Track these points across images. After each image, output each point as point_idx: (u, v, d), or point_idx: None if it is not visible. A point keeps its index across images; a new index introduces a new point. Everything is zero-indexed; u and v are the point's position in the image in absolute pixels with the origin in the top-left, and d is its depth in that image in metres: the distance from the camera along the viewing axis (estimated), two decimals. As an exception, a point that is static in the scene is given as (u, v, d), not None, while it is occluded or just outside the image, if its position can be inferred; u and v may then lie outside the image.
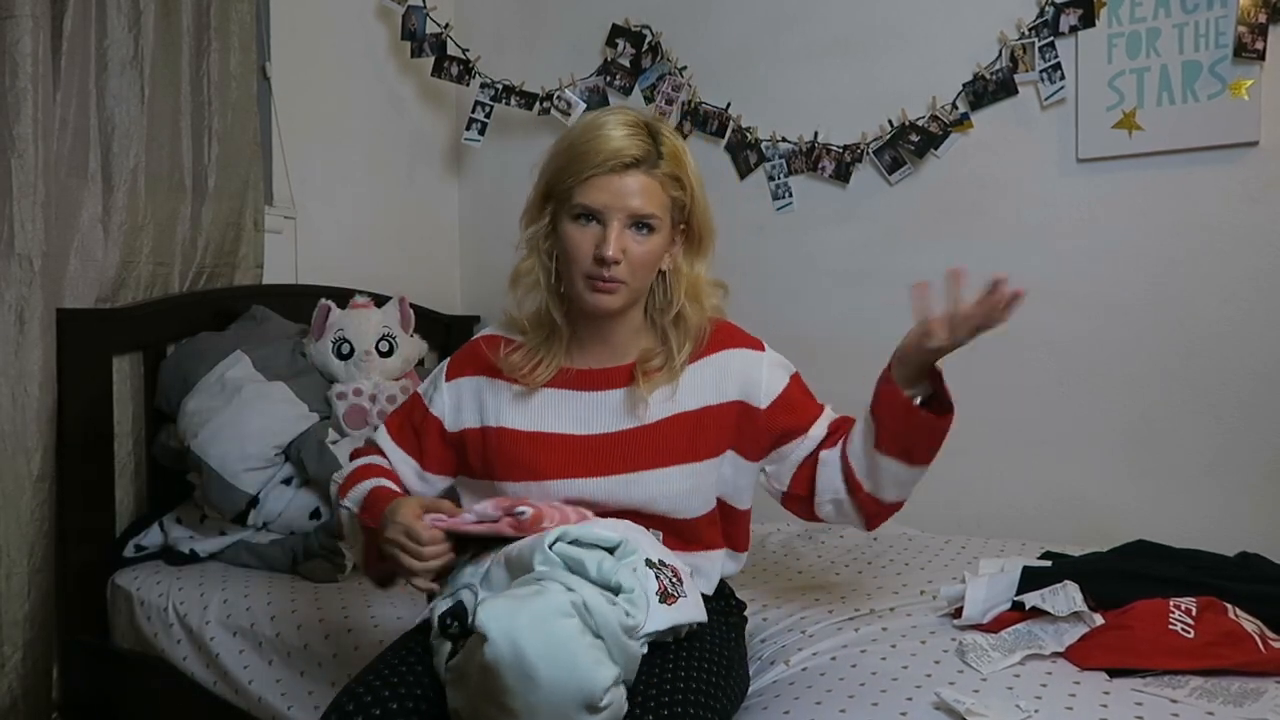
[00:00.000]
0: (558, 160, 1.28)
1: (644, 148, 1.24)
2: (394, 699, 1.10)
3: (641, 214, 1.24)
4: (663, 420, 1.31)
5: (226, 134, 2.33)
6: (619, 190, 1.23)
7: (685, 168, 1.28)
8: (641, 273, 1.27)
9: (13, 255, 1.87)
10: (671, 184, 1.26)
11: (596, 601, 1.00)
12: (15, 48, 1.85)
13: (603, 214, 1.24)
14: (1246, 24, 1.96)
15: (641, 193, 1.24)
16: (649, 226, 1.25)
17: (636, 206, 1.24)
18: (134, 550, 2.05)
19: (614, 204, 1.23)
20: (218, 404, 1.95)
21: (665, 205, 1.27)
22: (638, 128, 1.25)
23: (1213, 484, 2.06)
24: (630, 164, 1.23)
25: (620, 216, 1.23)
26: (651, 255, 1.27)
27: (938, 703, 1.17)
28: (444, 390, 1.39)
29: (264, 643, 1.70)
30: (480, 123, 2.77)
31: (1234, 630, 1.28)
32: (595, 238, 1.24)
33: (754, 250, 2.57)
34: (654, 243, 1.26)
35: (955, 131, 2.29)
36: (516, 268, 1.35)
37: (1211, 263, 2.06)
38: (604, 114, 1.28)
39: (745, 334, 1.40)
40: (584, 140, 1.24)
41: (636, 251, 1.25)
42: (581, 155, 1.24)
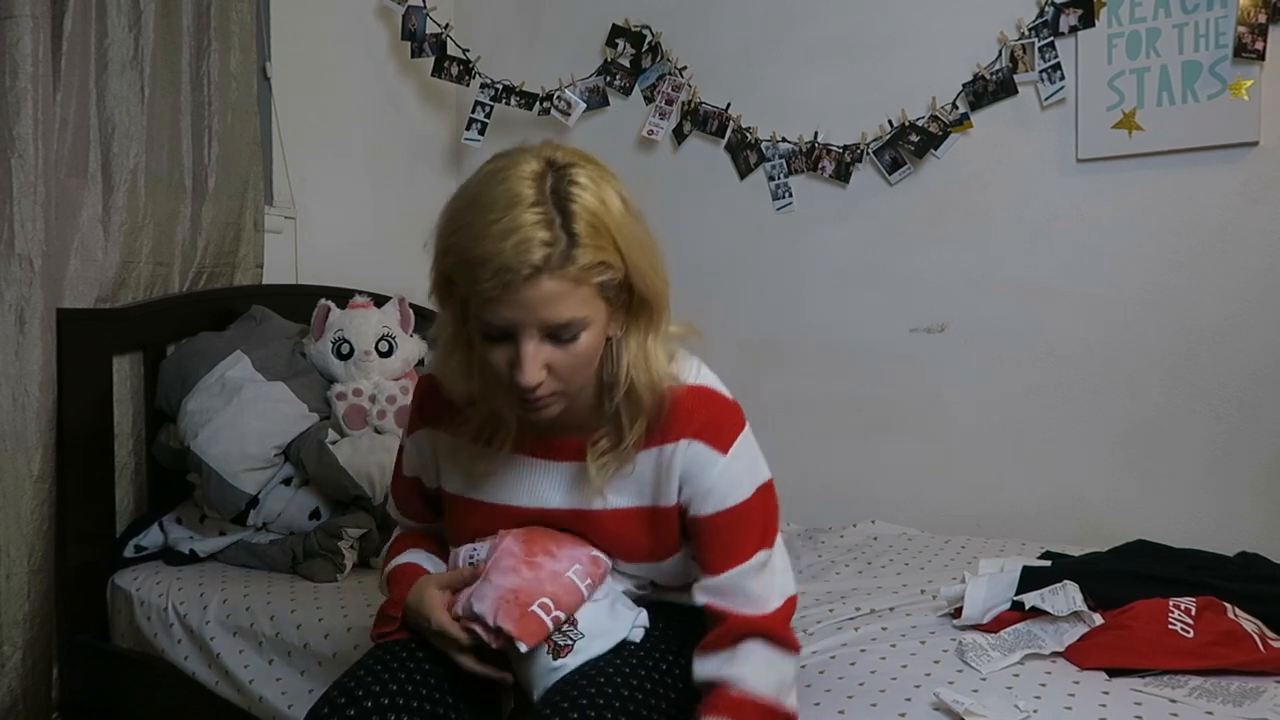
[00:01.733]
0: (448, 258, 1.02)
1: (544, 248, 0.96)
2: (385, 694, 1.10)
3: (558, 324, 1.00)
4: (619, 511, 1.16)
5: (226, 134, 2.33)
6: (525, 303, 0.98)
7: (611, 237, 1.00)
8: (576, 376, 1.05)
9: (13, 255, 1.87)
10: (595, 271, 1.00)
11: None
12: (15, 48, 1.85)
13: (512, 331, 1.00)
14: (1246, 24, 1.96)
15: (555, 300, 0.98)
16: (572, 334, 1.02)
17: (548, 318, 0.99)
18: (134, 550, 2.05)
19: (522, 319, 0.99)
20: (218, 404, 1.95)
21: (590, 296, 1.01)
22: (537, 208, 0.97)
23: (1213, 484, 2.06)
24: (531, 274, 0.96)
25: (532, 330, 1.00)
26: (584, 357, 1.04)
27: (936, 703, 1.17)
28: (409, 449, 1.30)
29: (264, 642, 1.70)
30: (480, 123, 2.77)
31: (1233, 630, 1.28)
32: (510, 355, 1.02)
33: (754, 250, 2.57)
34: (584, 343, 1.03)
35: (955, 131, 2.29)
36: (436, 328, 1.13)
37: (1211, 263, 2.06)
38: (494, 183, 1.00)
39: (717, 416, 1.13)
40: (472, 242, 0.98)
41: (563, 361, 1.02)
42: (472, 266, 0.98)
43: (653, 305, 1.08)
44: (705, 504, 1.12)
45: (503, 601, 1.09)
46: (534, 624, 1.09)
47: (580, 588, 1.13)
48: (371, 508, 1.98)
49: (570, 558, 1.15)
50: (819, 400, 2.49)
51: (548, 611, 1.10)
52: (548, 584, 1.11)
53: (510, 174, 1.00)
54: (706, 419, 1.12)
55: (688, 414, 1.12)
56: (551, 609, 1.10)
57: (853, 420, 2.45)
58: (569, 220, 0.98)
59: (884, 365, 2.41)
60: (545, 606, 1.10)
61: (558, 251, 0.97)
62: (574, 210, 0.98)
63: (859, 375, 2.45)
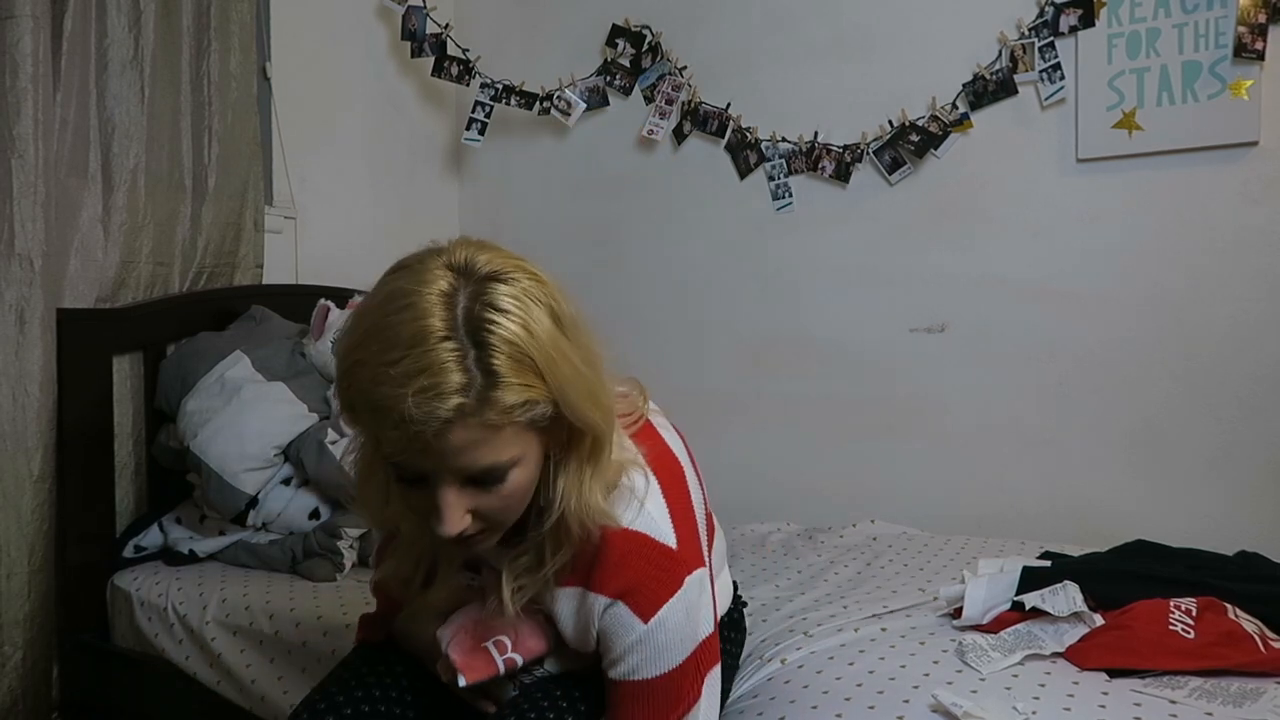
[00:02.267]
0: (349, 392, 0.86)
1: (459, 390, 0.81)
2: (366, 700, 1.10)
3: (476, 471, 0.87)
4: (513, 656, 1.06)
5: (226, 134, 2.33)
6: (438, 453, 0.84)
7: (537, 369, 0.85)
8: (508, 514, 0.93)
9: (13, 255, 1.87)
10: (518, 410, 0.85)
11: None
12: (15, 48, 1.85)
13: (428, 477, 0.88)
14: (1246, 24, 1.96)
15: (473, 447, 0.84)
16: (496, 475, 0.88)
17: (465, 465, 0.86)
18: (134, 550, 2.05)
19: (436, 467, 0.86)
20: (217, 404, 1.95)
21: (516, 434, 0.87)
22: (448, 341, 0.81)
23: (1213, 484, 2.06)
24: (444, 425, 0.82)
25: (449, 479, 0.87)
26: (513, 496, 0.91)
27: (934, 704, 1.16)
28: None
29: (264, 641, 1.70)
30: (480, 123, 2.77)
31: (1234, 630, 1.28)
32: (427, 502, 0.89)
33: (754, 250, 2.57)
34: (513, 482, 0.89)
35: (955, 131, 2.29)
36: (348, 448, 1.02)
37: (1211, 263, 2.06)
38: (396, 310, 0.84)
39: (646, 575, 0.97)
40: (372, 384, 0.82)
41: (489, 503, 0.90)
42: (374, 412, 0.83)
43: (590, 437, 0.92)
44: (616, 669, 0.99)
45: (460, 631, 1.05)
46: (480, 660, 1.02)
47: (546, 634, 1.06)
48: (371, 508, 1.98)
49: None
50: (819, 400, 2.49)
51: (502, 651, 1.03)
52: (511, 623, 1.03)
53: (415, 297, 0.83)
54: (633, 578, 0.96)
55: (616, 567, 0.97)
56: (508, 648, 1.03)
57: (853, 420, 2.45)
58: (485, 354, 0.82)
59: (884, 365, 2.41)
60: (500, 645, 1.03)
61: (472, 397, 0.81)
62: (491, 343, 0.82)
63: (859, 375, 2.45)
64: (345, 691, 1.10)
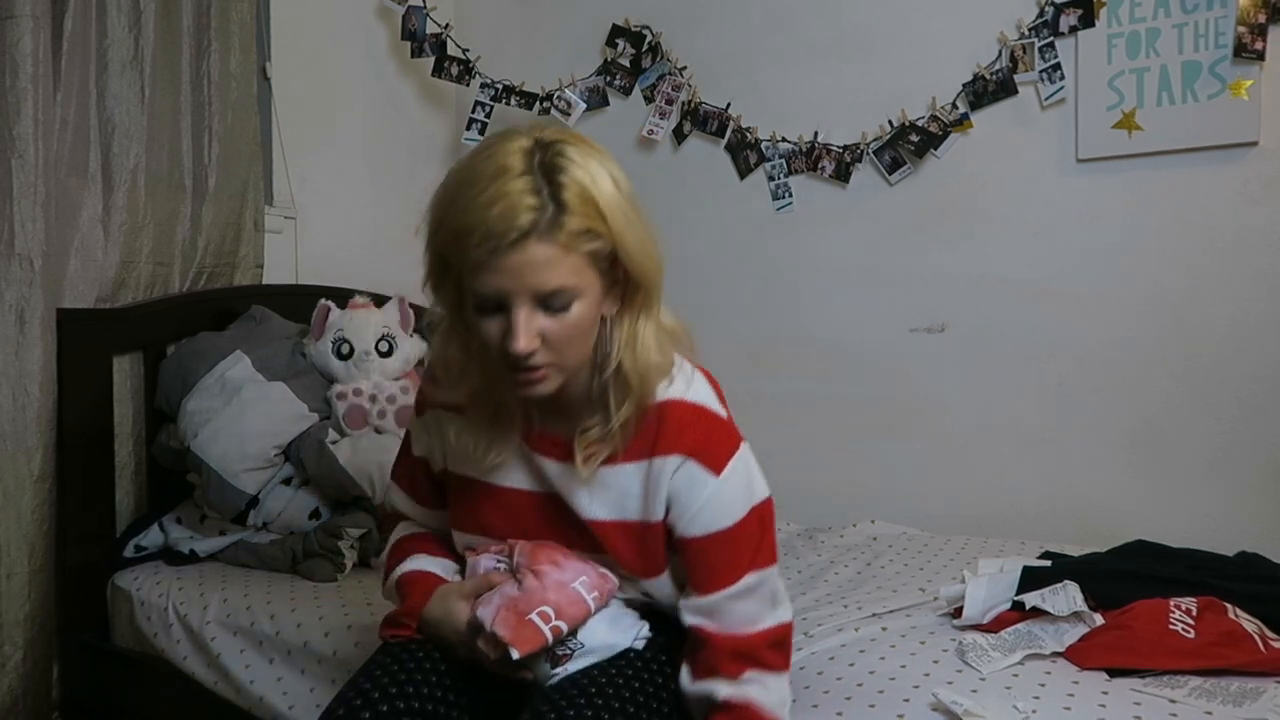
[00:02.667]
0: (440, 234, 1.03)
1: (531, 212, 0.96)
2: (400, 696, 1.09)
3: (548, 292, 0.99)
4: (606, 523, 1.13)
5: (226, 134, 2.33)
6: (514, 269, 0.98)
7: (599, 208, 1.00)
8: (572, 346, 1.04)
9: (13, 255, 1.87)
10: (583, 239, 0.99)
11: None
12: (15, 48, 1.85)
13: (503, 300, 1.00)
14: (1246, 24, 1.96)
15: (545, 267, 0.98)
16: (563, 304, 1.01)
17: (538, 284, 0.99)
18: (134, 550, 2.05)
19: (512, 287, 0.99)
20: (218, 404, 1.95)
21: (582, 265, 1.01)
22: (524, 177, 0.97)
23: (1213, 484, 2.06)
24: (519, 238, 0.96)
25: (524, 299, 0.99)
26: (577, 328, 1.03)
27: (935, 703, 1.16)
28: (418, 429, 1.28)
29: (264, 642, 1.70)
30: (480, 123, 2.77)
31: (1234, 630, 1.28)
32: (503, 327, 1.01)
33: (754, 250, 2.57)
34: (577, 313, 1.02)
35: (955, 131, 2.29)
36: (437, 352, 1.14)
37: (1211, 263, 2.06)
38: (482, 159, 1.00)
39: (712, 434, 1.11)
40: (461, 213, 0.99)
41: (556, 331, 1.01)
42: (461, 236, 0.99)
43: (643, 286, 1.06)
44: (693, 526, 1.09)
45: (502, 609, 1.09)
46: (529, 632, 1.07)
47: (586, 599, 1.11)
48: (371, 508, 1.98)
49: (576, 570, 1.13)
50: (819, 400, 2.49)
51: (546, 620, 1.08)
52: (551, 593, 1.09)
53: (498, 149, 1.00)
54: (700, 437, 1.10)
55: (680, 430, 1.09)
56: (551, 618, 1.08)
57: (853, 420, 2.45)
58: (556, 190, 0.98)
59: (884, 365, 2.41)
60: (544, 615, 1.08)
61: (545, 218, 0.97)
62: (561, 181, 0.98)
63: (859, 375, 2.45)
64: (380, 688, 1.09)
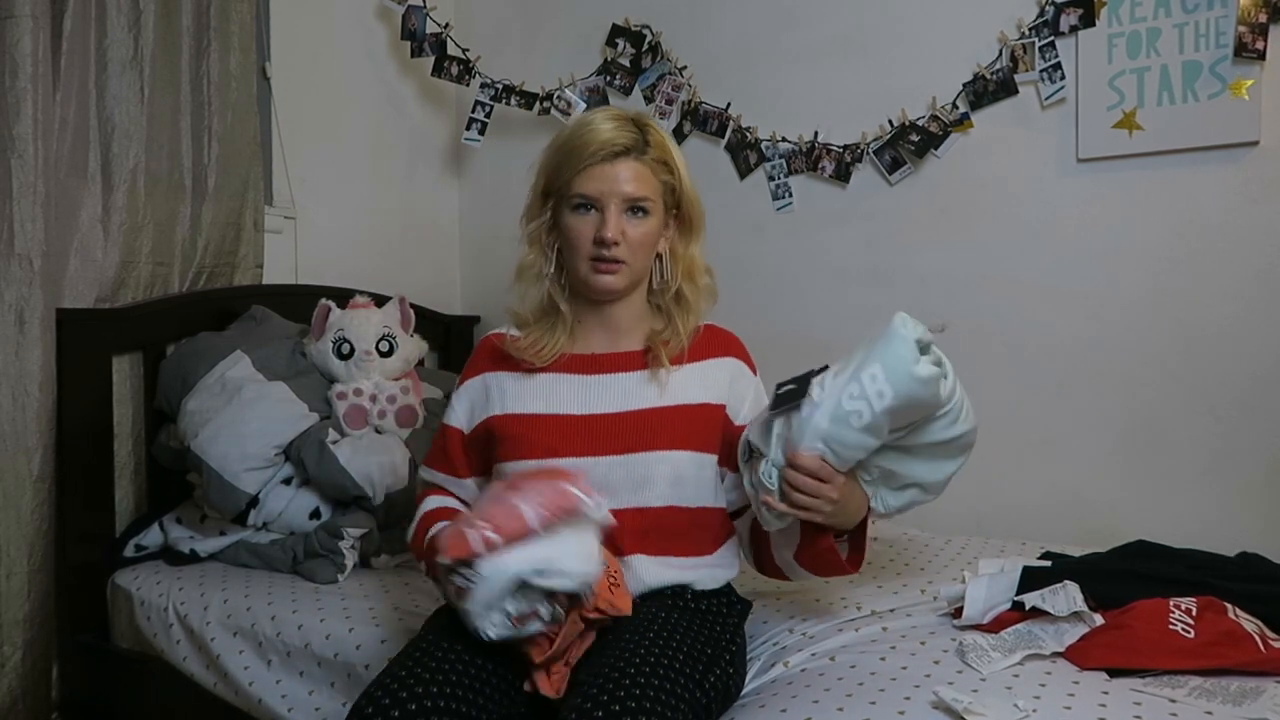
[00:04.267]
0: (554, 157, 1.38)
1: (632, 137, 1.34)
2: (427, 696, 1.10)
3: (635, 197, 1.34)
4: (668, 407, 1.38)
5: (226, 134, 2.33)
6: (612, 177, 1.33)
7: (671, 153, 1.38)
8: (640, 253, 1.37)
9: (13, 255, 1.87)
10: (660, 169, 1.37)
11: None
12: (15, 48, 1.85)
13: (599, 200, 1.34)
14: (1247, 24, 1.96)
15: (634, 178, 1.34)
16: (643, 210, 1.36)
17: (630, 191, 1.34)
18: (134, 550, 2.05)
19: (609, 190, 1.33)
20: (218, 404, 1.95)
21: (657, 189, 1.37)
22: (625, 120, 1.36)
23: (1212, 484, 2.06)
24: (620, 152, 1.33)
25: (616, 201, 1.33)
26: (649, 236, 1.37)
27: (936, 702, 1.17)
28: (456, 402, 1.46)
29: (264, 643, 1.70)
30: (480, 123, 2.77)
31: (1234, 630, 1.28)
32: (595, 224, 1.34)
33: (754, 250, 2.57)
34: (649, 225, 1.37)
35: (955, 131, 2.29)
36: (520, 262, 1.43)
37: (1211, 263, 2.06)
38: (593, 112, 1.40)
39: (744, 350, 1.52)
40: (577, 136, 1.35)
41: (634, 233, 1.35)
42: (576, 149, 1.34)
43: (695, 222, 1.43)
44: (741, 410, 1.44)
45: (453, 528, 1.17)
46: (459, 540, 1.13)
47: (525, 515, 1.13)
48: (372, 508, 1.98)
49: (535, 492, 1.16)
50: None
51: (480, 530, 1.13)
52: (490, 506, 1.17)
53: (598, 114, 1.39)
54: (739, 349, 1.50)
55: (726, 343, 1.49)
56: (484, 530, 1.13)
57: (853, 420, 2.45)
58: (645, 133, 1.36)
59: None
60: (476, 526, 1.14)
61: (638, 145, 1.35)
62: (650, 130, 1.37)
63: (859, 375, 2.44)
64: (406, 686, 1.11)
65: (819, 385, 1.26)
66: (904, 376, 1.22)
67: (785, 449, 1.25)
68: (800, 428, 1.24)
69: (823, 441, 1.23)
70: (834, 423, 1.22)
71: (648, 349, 1.42)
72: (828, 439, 1.23)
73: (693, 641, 1.22)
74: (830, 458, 1.23)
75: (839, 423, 1.22)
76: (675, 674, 1.13)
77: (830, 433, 1.22)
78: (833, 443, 1.23)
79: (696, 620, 1.29)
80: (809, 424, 1.23)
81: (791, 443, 1.24)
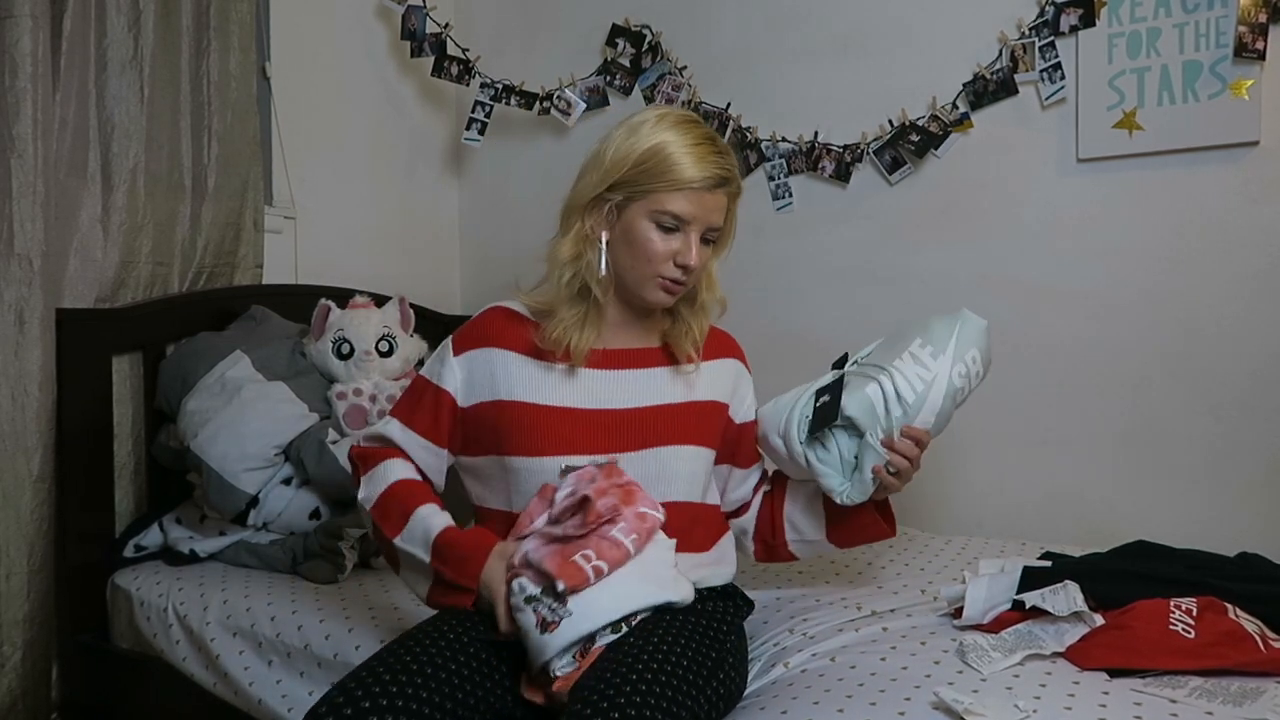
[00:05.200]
0: (649, 161, 1.31)
1: (731, 170, 1.34)
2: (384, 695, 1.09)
3: (716, 228, 1.37)
4: (686, 403, 1.42)
5: (226, 134, 2.33)
6: (709, 206, 1.33)
7: (740, 192, 1.40)
8: (698, 275, 1.39)
9: (13, 255, 1.87)
10: (733, 201, 1.39)
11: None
12: (15, 48, 1.85)
13: (688, 224, 1.32)
14: (1247, 24, 1.96)
15: (721, 211, 1.36)
16: (714, 238, 1.38)
17: (716, 222, 1.36)
18: (134, 550, 2.05)
19: (701, 217, 1.33)
20: (218, 404, 1.95)
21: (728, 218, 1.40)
22: (725, 152, 1.35)
23: (1212, 484, 2.06)
24: (719, 184, 1.33)
25: (700, 228, 1.33)
26: (707, 260, 1.40)
27: (936, 702, 1.16)
28: (454, 365, 1.40)
29: (264, 643, 1.70)
30: (480, 123, 2.77)
31: (1234, 630, 1.28)
32: (675, 244, 1.33)
33: (754, 250, 2.57)
34: (710, 251, 1.39)
35: (955, 131, 2.29)
36: (557, 250, 1.37)
37: (1211, 263, 2.06)
38: (690, 128, 1.33)
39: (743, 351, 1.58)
40: (682, 152, 1.30)
41: (702, 258, 1.36)
42: (679, 166, 1.30)
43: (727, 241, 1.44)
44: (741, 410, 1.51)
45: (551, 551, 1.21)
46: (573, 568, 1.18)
47: (625, 543, 1.22)
48: (371, 508, 1.98)
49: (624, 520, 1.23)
50: (819, 400, 2.49)
51: (588, 561, 1.19)
52: (591, 539, 1.21)
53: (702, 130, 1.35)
54: (740, 351, 1.56)
55: (727, 345, 1.54)
56: (592, 559, 1.19)
57: (853, 420, 2.45)
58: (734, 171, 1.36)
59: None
60: (586, 557, 1.20)
61: (734, 179, 1.36)
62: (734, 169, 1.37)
63: (859, 375, 2.44)
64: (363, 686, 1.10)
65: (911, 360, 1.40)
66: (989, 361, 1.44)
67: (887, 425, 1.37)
68: (916, 402, 1.37)
69: (936, 415, 1.37)
70: (946, 398, 1.38)
71: (665, 345, 1.44)
72: (941, 414, 1.38)
73: (697, 646, 1.21)
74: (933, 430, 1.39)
75: (949, 399, 1.38)
76: (679, 680, 1.12)
77: (944, 408, 1.38)
78: (941, 417, 1.38)
79: (703, 621, 1.28)
80: (925, 399, 1.37)
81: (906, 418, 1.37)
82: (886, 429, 1.37)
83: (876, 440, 1.37)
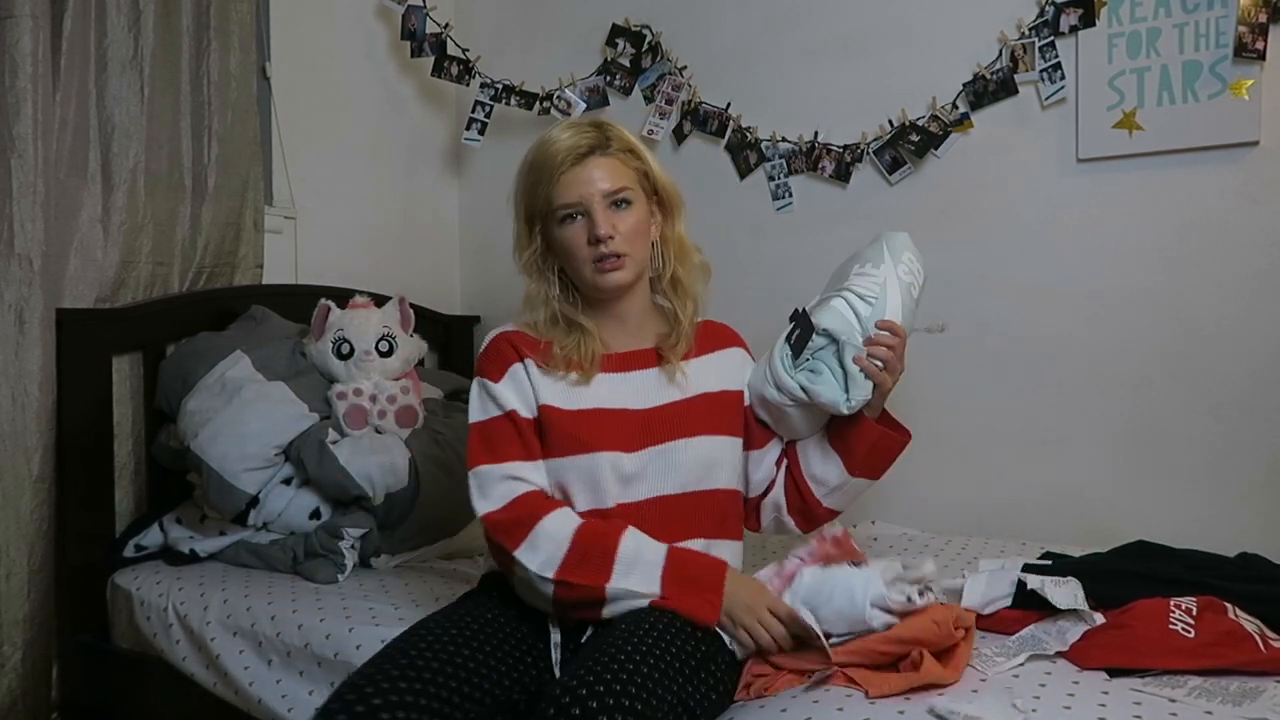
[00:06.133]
0: (526, 180, 1.43)
1: (592, 137, 1.39)
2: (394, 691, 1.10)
3: (614, 190, 1.39)
4: (691, 398, 1.45)
5: (226, 134, 2.33)
6: (587, 179, 1.38)
7: (633, 142, 1.44)
8: (637, 242, 1.41)
9: (13, 255, 1.87)
10: (629, 158, 1.42)
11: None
12: (15, 48, 1.85)
13: (583, 205, 1.38)
14: (1247, 24, 1.96)
15: (607, 174, 1.39)
16: (626, 200, 1.40)
17: (607, 186, 1.39)
18: (134, 550, 2.05)
19: (588, 191, 1.37)
20: (218, 404, 1.95)
21: (632, 178, 1.42)
22: (580, 125, 1.41)
23: (1212, 484, 2.06)
24: (586, 153, 1.38)
25: (598, 200, 1.38)
26: (639, 224, 1.42)
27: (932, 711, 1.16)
28: (502, 390, 1.41)
29: (264, 643, 1.70)
30: (480, 123, 2.77)
31: (1234, 630, 1.28)
32: (585, 228, 1.38)
33: (754, 250, 2.57)
34: (636, 213, 1.41)
35: (955, 131, 2.29)
36: (526, 293, 1.47)
37: (1211, 263, 2.06)
38: (548, 129, 1.43)
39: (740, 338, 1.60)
40: (540, 154, 1.40)
41: (624, 225, 1.39)
42: (543, 165, 1.39)
43: (674, 202, 1.47)
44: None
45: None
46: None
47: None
48: (372, 508, 1.98)
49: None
50: (819, 400, 2.48)
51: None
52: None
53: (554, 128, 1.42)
54: (741, 340, 1.59)
55: (728, 335, 1.58)
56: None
57: (853, 420, 2.45)
58: (604, 131, 1.41)
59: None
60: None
61: (601, 142, 1.39)
62: (607, 127, 1.42)
63: (859, 375, 2.44)
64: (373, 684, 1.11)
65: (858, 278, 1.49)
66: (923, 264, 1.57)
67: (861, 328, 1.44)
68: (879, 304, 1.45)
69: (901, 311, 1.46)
70: (903, 293, 1.48)
71: (658, 349, 1.47)
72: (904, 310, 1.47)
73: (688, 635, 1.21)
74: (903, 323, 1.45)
75: (905, 293, 1.48)
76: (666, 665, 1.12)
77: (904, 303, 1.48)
78: (905, 312, 1.47)
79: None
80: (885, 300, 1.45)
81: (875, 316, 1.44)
82: (862, 331, 1.45)
83: (859, 342, 1.44)
